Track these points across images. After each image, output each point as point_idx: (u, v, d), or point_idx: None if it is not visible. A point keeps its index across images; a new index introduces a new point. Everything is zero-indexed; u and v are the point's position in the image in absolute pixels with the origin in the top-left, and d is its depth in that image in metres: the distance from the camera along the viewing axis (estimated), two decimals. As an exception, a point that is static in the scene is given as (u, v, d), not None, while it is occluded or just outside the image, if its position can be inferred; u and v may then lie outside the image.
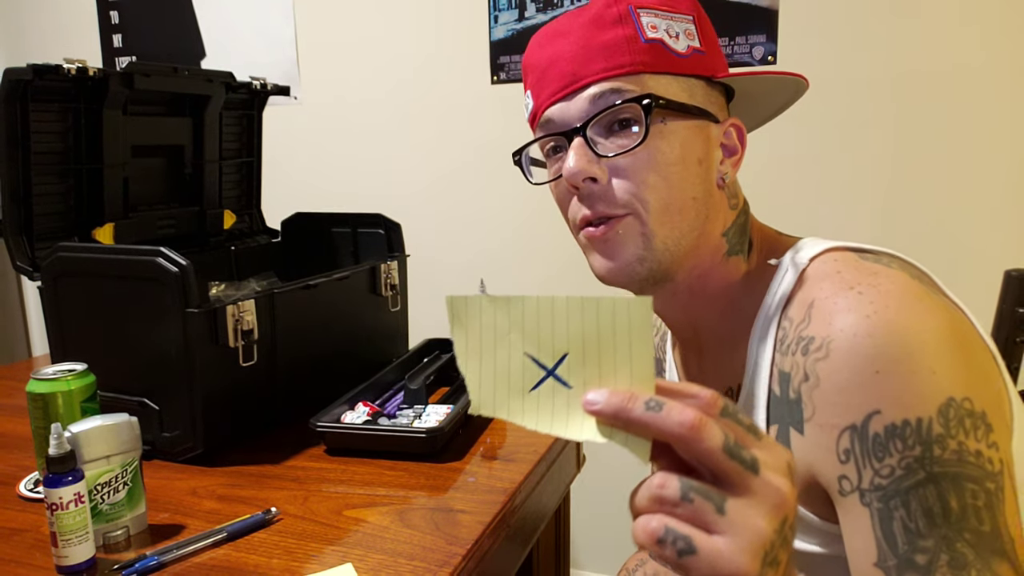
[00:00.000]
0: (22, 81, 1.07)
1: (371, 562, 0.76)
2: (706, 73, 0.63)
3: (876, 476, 0.50)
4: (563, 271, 1.89)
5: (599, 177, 0.60)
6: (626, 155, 0.60)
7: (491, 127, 1.93)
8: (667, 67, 0.60)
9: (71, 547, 0.74)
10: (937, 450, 0.48)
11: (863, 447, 0.50)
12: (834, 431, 0.52)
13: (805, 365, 0.55)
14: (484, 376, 0.40)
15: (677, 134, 0.60)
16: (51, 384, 0.86)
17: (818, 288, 0.57)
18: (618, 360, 0.38)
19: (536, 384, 0.39)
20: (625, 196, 0.60)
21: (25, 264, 1.12)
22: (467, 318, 0.40)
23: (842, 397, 0.52)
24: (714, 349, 0.68)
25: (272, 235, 1.56)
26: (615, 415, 0.36)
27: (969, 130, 1.56)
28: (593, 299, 0.38)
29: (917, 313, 0.51)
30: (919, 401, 0.49)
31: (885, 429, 0.50)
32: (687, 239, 0.62)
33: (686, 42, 0.61)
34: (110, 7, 2.29)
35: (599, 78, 0.60)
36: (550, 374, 0.39)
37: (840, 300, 0.54)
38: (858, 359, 0.51)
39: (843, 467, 0.52)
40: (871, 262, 0.57)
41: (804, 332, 0.56)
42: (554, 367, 0.39)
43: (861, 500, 0.51)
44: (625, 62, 0.60)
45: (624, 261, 0.62)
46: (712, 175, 0.63)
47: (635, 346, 0.37)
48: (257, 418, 1.10)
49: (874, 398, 0.50)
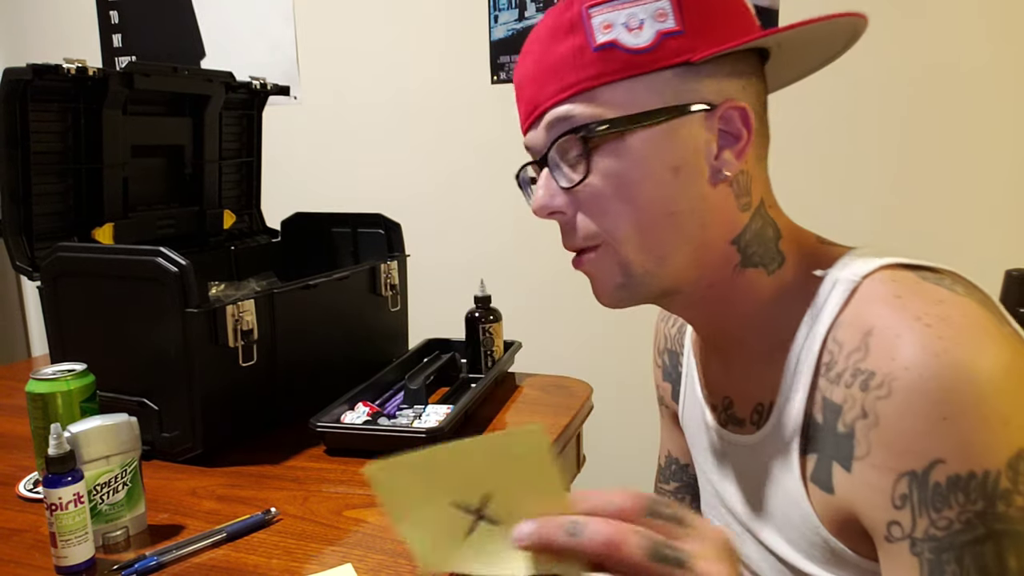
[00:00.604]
0: (22, 81, 1.07)
1: (371, 562, 0.76)
2: (680, 59, 0.54)
3: (932, 527, 0.47)
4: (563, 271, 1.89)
5: (564, 210, 0.57)
6: (579, 187, 0.56)
7: (491, 127, 1.93)
8: (623, 72, 0.54)
9: (70, 547, 0.74)
10: (1001, 506, 0.46)
11: (921, 496, 0.47)
12: (891, 475, 0.49)
13: (864, 402, 0.50)
14: (423, 535, 0.41)
15: (637, 150, 0.54)
16: (50, 384, 0.86)
17: (876, 314, 0.51)
18: (533, 488, 0.39)
19: (470, 530, 0.40)
20: (590, 228, 0.57)
21: (25, 264, 1.12)
22: (390, 484, 0.41)
23: (904, 442, 0.48)
24: (743, 361, 0.62)
25: (272, 235, 1.56)
26: (542, 546, 0.37)
27: (970, 130, 1.56)
28: (494, 436, 0.39)
29: (989, 353, 0.47)
30: (987, 453, 0.46)
31: (948, 480, 0.46)
32: (676, 256, 0.57)
33: (653, 28, 0.53)
34: (110, 7, 2.29)
35: (551, 103, 0.56)
36: (479, 518, 0.40)
37: (904, 333, 0.49)
38: (924, 403, 0.47)
39: (896, 512, 0.48)
40: (933, 284, 0.52)
41: (862, 364, 0.51)
42: (480, 509, 0.39)
43: (911, 549, 0.48)
44: (572, 80, 0.54)
45: (607, 290, 0.59)
46: (699, 178, 0.55)
47: (544, 471, 0.39)
48: (257, 418, 1.10)
49: (939, 446, 0.46)
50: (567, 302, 1.91)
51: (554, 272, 1.91)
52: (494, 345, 1.30)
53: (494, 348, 1.30)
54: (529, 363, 1.39)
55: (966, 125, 1.56)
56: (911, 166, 1.61)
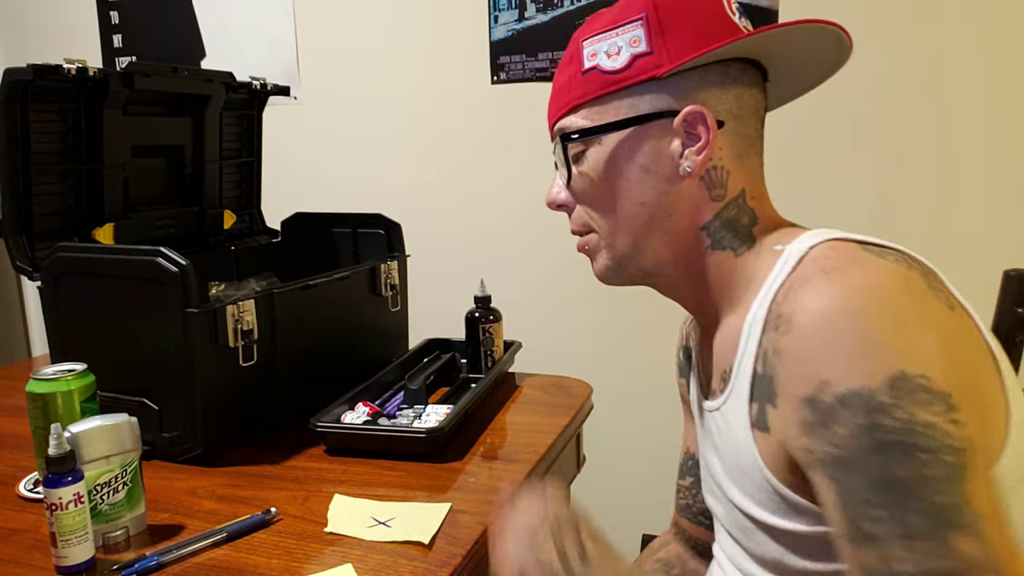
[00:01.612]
0: (22, 81, 1.07)
1: (371, 562, 0.76)
2: (648, 75, 0.64)
3: (830, 446, 0.51)
4: (563, 271, 1.89)
5: (567, 203, 0.70)
6: (572, 183, 0.69)
7: (491, 127, 1.92)
8: (601, 89, 0.65)
9: (71, 547, 0.74)
10: (883, 419, 0.49)
11: (816, 417, 0.52)
12: (795, 402, 0.54)
13: (775, 340, 0.57)
14: None
15: (611, 152, 0.65)
16: (51, 384, 0.86)
17: (808, 273, 0.58)
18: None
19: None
20: (583, 218, 0.70)
21: (25, 264, 1.12)
22: None
23: (799, 368, 0.54)
24: (720, 332, 0.69)
25: (272, 235, 1.56)
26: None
27: (969, 130, 1.56)
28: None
29: (877, 293, 0.52)
30: (867, 373, 0.50)
31: (834, 398, 0.50)
32: (648, 241, 0.67)
33: (628, 52, 0.64)
34: (110, 7, 2.29)
35: (555, 119, 0.69)
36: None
37: (811, 281, 0.56)
38: (811, 330, 0.53)
39: (804, 439, 0.53)
40: (863, 251, 0.57)
41: (780, 310, 0.58)
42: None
43: (823, 471, 0.52)
44: (566, 100, 0.67)
45: (599, 269, 0.71)
46: (665, 174, 0.65)
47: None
48: (257, 418, 1.10)
49: (824, 369, 0.51)
50: (567, 302, 1.91)
51: (554, 272, 1.91)
52: (494, 345, 1.30)
53: (494, 348, 1.30)
54: (529, 363, 1.39)
55: (966, 125, 1.56)
56: (911, 166, 1.61)
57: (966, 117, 1.56)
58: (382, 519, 0.84)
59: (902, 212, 1.62)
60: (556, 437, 1.07)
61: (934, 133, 1.58)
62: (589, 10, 1.76)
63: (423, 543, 0.79)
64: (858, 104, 1.62)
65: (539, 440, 1.05)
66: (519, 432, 1.10)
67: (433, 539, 0.80)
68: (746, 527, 0.64)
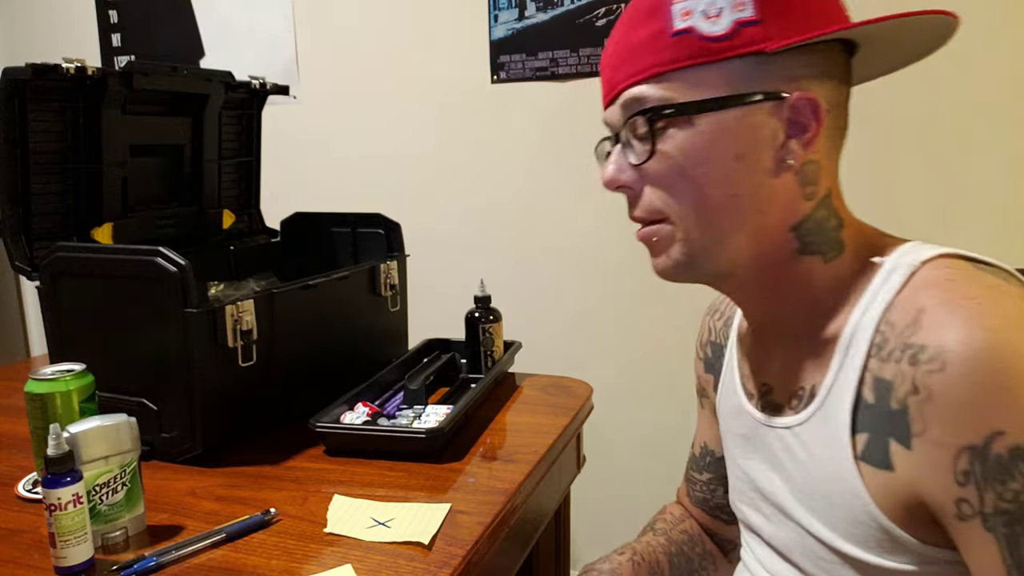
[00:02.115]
0: (21, 80, 1.06)
1: (371, 562, 0.76)
2: (755, 48, 0.55)
3: (1000, 500, 0.47)
4: (564, 271, 1.89)
5: (631, 184, 0.60)
6: (648, 163, 0.58)
7: (491, 127, 1.92)
8: (698, 57, 0.55)
9: (70, 548, 0.73)
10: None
11: (984, 469, 0.47)
12: (950, 450, 0.49)
13: (915, 376, 0.51)
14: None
15: (703, 134, 0.56)
16: (49, 384, 0.86)
17: (929, 295, 0.53)
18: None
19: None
20: (656, 203, 0.60)
21: (23, 264, 1.12)
22: None
23: (960, 415, 0.48)
24: (795, 345, 0.63)
25: (271, 235, 1.56)
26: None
27: (969, 129, 1.56)
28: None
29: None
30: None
31: (1009, 451, 0.47)
32: (733, 238, 0.58)
33: (731, 16, 0.55)
34: (109, 6, 2.29)
35: (626, 84, 0.59)
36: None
37: (956, 309, 0.50)
38: (978, 374, 0.47)
39: (962, 490, 0.49)
40: (988, 274, 0.53)
41: (912, 339, 0.52)
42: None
43: (984, 525, 0.48)
44: (648, 64, 0.57)
45: (667, 264, 0.61)
46: (762, 165, 0.57)
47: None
48: (256, 418, 1.10)
49: (996, 417, 0.47)
50: (567, 302, 1.91)
51: (555, 272, 1.91)
52: (494, 345, 1.30)
53: (494, 348, 1.30)
54: (529, 363, 1.39)
55: (966, 124, 1.56)
56: (910, 166, 1.60)
57: (967, 116, 1.56)
58: (382, 520, 0.84)
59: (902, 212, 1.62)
60: (556, 437, 1.07)
61: (934, 132, 1.58)
62: (589, 9, 1.76)
63: (423, 544, 0.78)
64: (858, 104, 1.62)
65: (539, 440, 1.05)
66: (519, 432, 1.10)
67: (433, 540, 0.80)
68: (824, 559, 0.60)
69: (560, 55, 1.81)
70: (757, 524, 0.69)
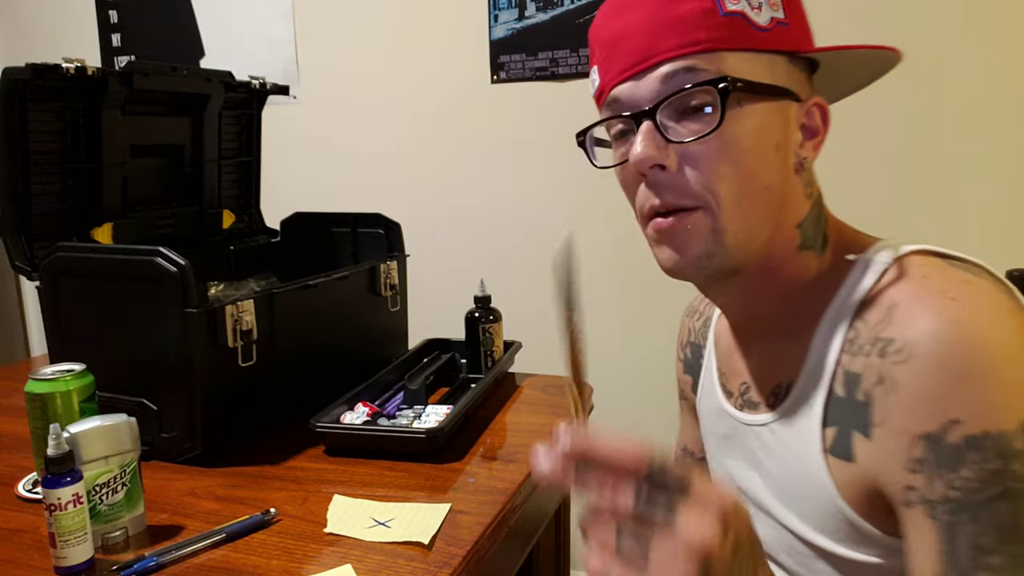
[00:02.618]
0: (21, 80, 1.06)
1: (371, 563, 0.76)
2: (789, 47, 0.57)
3: (948, 488, 0.48)
4: (563, 271, 1.89)
5: (669, 165, 0.56)
6: (699, 142, 0.55)
7: (491, 127, 1.92)
8: (747, 43, 0.56)
9: (70, 548, 0.73)
10: (1016, 465, 0.46)
11: (937, 457, 0.48)
12: (907, 438, 0.50)
13: (881, 368, 0.52)
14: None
15: (754, 118, 0.56)
16: (49, 384, 0.86)
17: (900, 290, 0.54)
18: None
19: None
20: (696, 187, 0.56)
21: (23, 264, 1.12)
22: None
23: (921, 404, 0.49)
24: (771, 342, 0.64)
25: (271, 235, 1.56)
26: (551, 480, 0.42)
27: (970, 129, 1.56)
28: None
29: (1007, 325, 0.49)
30: (1003, 413, 0.47)
31: (964, 440, 0.47)
32: (760, 232, 0.58)
33: (769, 13, 0.56)
34: (109, 6, 2.29)
35: (672, 55, 0.55)
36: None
37: (926, 303, 0.51)
38: (942, 365, 0.48)
39: (911, 476, 0.50)
40: (960, 270, 0.54)
41: (883, 333, 0.53)
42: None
43: (929, 512, 0.49)
44: (701, 38, 0.55)
45: (693, 256, 0.58)
46: (790, 160, 0.58)
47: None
48: (256, 418, 1.10)
49: (954, 407, 0.48)
50: (567, 302, 1.91)
51: (554, 272, 1.91)
52: (494, 345, 1.30)
53: (494, 348, 1.30)
54: (529, 363, 1.39)
55: (966, 124, 1.56)
56: (911, 166, 1.60)
57: (967, 116, 1.55)
58: (382, 519, 0.84)
59: (902, 212, 1.62)
60: (556, 437, 1.07)
61: (935, 132, 1.58)
62: (589, 9, 1.76)
63: (423, 543, 0.78)
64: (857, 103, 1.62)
65: (539, 440, 1.05)
66: (519, 432, 1.10)
67: (433, 540, 0.80)
68: (801, 553, 0.60)
69: (560, 55, 1.81)
70: None
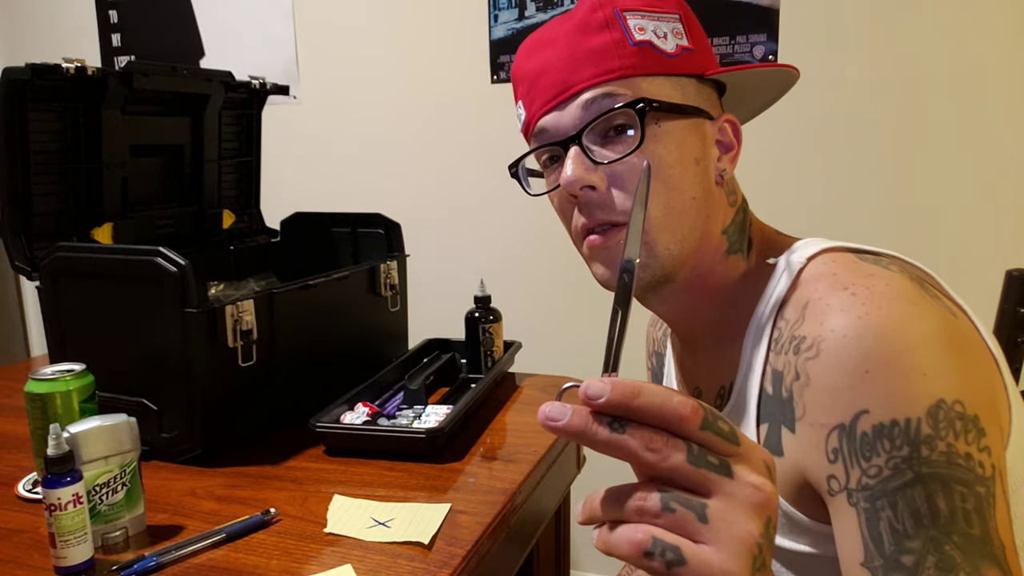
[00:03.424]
0: (21, 81, 1.06)
1: (371, 563, 0.76)
2: (696, 71, 0.63)
3: (864, 476, 0.50)
4: (563, 271, 1.89)
5: (597, 185, 0.60)
6: (623, 161, 0.60)
7: (491, 127, 1.92)
8: (658, 68, 0.61)
9: (70, 548, 0.73)
10: (925, 451, 0.48)
11: (851, 447, 0.50)
12: (823, 430, 0.52)
13: (796, 364, 0.55)
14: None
15: (672, 135, 0.60)
16: (49, 384, 0.86)
17: (812, 288, 0.57)
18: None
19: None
20: (625, 203, 0.60)
21: (23, 264, 1.12)
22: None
23: (831, 397, 0.52)
24: (710, 347, 0.68)
25: (271, 235, 1.56)
26: (578, 435, 0.35)
27: (970, 129, 1.56)
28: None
29: (909, 315, 0.51)
30: (908, 402, 0.49)
31: (873, 429, 0.50)
32: (689, 241, 0.62)
33: (674, 41, 0.62)
34: (109, 6, 2.29)
35: (590, 84, 0.60)
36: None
37: (833, 300, 0.54)
38: (848, 359, 0.51)
39: (831, 466, 0.52)
40: (869, 263, 0.57)
41: (797, 331, 0.56)
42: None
43: (848, 500, 0.51)
44: (615, 66, 0.60)
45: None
46: (710, 173, 0.63)
47: None
48: (256, 418, 1.10)
49: (863, 398, 0.50)
50: (567, 302, 1.91)
51: (554, 272, 1.91)
52: (494, 345, 1.30)
53: (494, 348, 1.30)
54: (529, 363, 1.39)
55: (966, 124, 1.56)
56: (911, 166, 1.60)
57: (967, 116, 1.56)
58: (382, 520, 0.84)
59: (903, 212, 1.62)
60: (556, 437, 1.07)
61: (935, 132, 1.58)
62: (589, 9, 1.76)
63: (423, 544, 0.78)
64: (857, 104, 1.62)
65: (539, 440, 1.05)
66: (519, 432, 1.10)
67: (433, 540, 0.80)
68: None
69: (560, 55, 1.80)
70: None
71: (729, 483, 0.34)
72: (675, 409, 0.34)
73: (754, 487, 0.34)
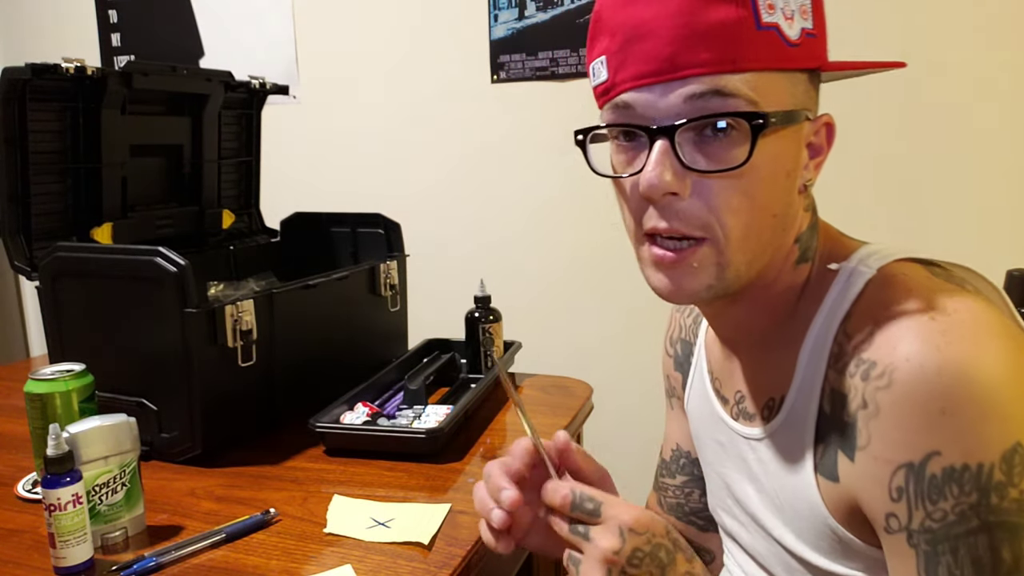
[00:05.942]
0: (20, 80, 1.06)
1: (371, 563, 0.76)
2: (814, 64, 0.53)
3: (928, 519, 0.48)
4: (563, 271, 1.89)
5: (680, 192, 0.51)
6: (719, 175, 0.51)
7: (491, 127, 1.92)
8: (777, 62, 0.50)
9: (69, 548, 0.73)
10: (995, 498, 0.46)
11: (918, 488, 0.48)
12: (889, 466, 0.49)
13: (864, 391, 0.50)
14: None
15: (770, 149, 0.51)
16: (49, 384, 0.86)
17: (883, 306, 0.52)
18: None
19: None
20: (706, 218, 0.52)
21: (23, 264, 1.12)
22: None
23: (902, 433, 0.48)
24: (759, 354, 0.62)
25: (271, 235, 1.56)
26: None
27: (970, 129, 1.56)
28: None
29: (991, 351, 0.47)
30: (984, 446, 0.46)
31: (943, 471, 0.47)
32: (761, 260, 0.55)
33: (800, 24, 0.51)
34: (108, 6, 2.29)
35: (702, 72, 0.49)
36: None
37: (908, 325, 0.49)
38: (923, 395, 0.47)
39: (894, 504, 0.49)
40: (943, 280, 0.52)
41: (864, 354, 0.51)
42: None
43: (909, 541, 0.49)
44: (735, 55, 0.49)
45: (692, 289, 0.55)
46: (796, 184, 0.55)
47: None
48: (256, 418, 1.10)
49: (936, 438, 0.47)
50: (567, 302, 1.91)
51: (555, 272, 1.91)
52: (494, 345, 1.30)
53: (494, 348, 1.30)
54: (529, 363, 1.39)
55: (967, 124, 1.56)
56: (911, 166, 1.60)
57: (968, 116, 1.55)
58: (381, 520, 0.84)
59: (903, 212, 1.62)
60: (556, 437, 1.07)
61: (935, 132, 1.58)
62: (589, 9, 1.76)
63: (423, 544, 0.78)
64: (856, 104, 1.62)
65: (539, 440, 1.05)
66: (519, 432, 1.10)
67: (433, 540, 0.79)
68: (795, 568, 0.60)
69: (560, 55, 1.80)
70: (735, 531, 0.69)
71: (587, 545, 0.53)
72: (556, 502, 0.55)
73: (602, 548, 0.52)
